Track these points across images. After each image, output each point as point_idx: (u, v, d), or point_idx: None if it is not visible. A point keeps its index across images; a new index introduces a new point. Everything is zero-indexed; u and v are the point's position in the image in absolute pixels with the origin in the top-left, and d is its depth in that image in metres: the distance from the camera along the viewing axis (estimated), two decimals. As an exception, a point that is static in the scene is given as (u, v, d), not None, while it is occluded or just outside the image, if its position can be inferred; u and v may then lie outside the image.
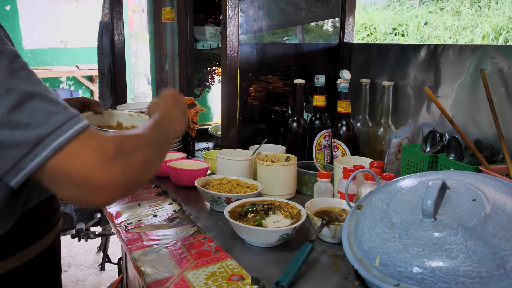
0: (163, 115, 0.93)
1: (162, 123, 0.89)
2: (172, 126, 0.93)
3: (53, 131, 0.63)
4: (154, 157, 0.79)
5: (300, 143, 1.50)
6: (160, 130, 0.86)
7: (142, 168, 0.73)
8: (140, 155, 0.73)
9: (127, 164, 0.68)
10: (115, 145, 0.68)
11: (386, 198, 0.92)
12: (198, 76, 2.07)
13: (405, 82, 1.47)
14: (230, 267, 0.90)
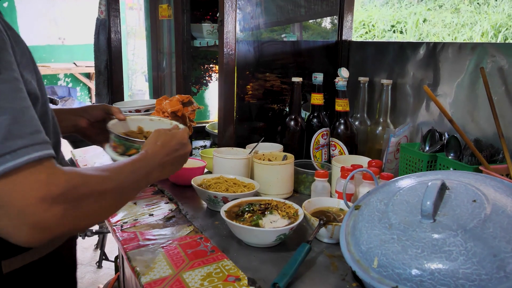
0: (146, 157, 0.88)
1: (140, 167, 0.84)
2: (150, 174, 0.87)
3: (3, 155, 0.60)
4: (107, 208, 0.75)
5: (298, 142, 1.48)
6: (132, 175, 0.81)
7: (87, 218, 0.70)
8: (91, 205, 0.69)
9: (69, 210, 0.64)
10: (65, 186, 0.64)
11: (384, 198, 0.91)
12: (196, 73, 2.05)
13: (403, 80, 1.46)
14: (226, 267, 0.89)
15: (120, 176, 0.77)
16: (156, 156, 0.89)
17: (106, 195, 0.72)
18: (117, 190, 0.75)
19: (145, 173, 0.84)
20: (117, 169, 0.78)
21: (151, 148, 0.91)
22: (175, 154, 0.93)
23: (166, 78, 1.99)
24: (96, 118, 1.15)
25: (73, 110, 1.15)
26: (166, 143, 0.93)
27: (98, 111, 1.15)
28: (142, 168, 0.84)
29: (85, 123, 1.13)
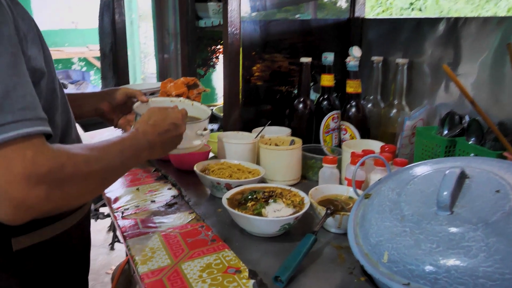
0: (136, 136, 0.85)
1: (129, 146, 0.81)
2: (140, 153, 0.84)
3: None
4: (93, 188, 0.73)
5: (307, 126, 1.41)
6: (120, 154, 0.78)
7: (72, 198, 0.68)
8: (76, 185, 0.67)
9: (53, 191, 0.62)
10: (51, 165, 0.62)
11: (397, 187, 0.84)
12: (202, 55, 1.98)
13: (420, 59, 1.37)
14: (227, 258, 0.84)
15: (108, 156, 0.75)
16: (146, 136, 0.86)
17: (92, 175, 0.70)
18: (104, 170, 0.73)
19: (134, 153, 0.82)
20: (105, 148, 0.75)
21: (142, 126, 0.88)
22: (166, 134, 0.90)
23: (172, 61, 1.93)
24: (118, 101, 1.15)
25: (95, 94, 1.15)
26: (158, 122, 0.90)
27: (120, 94, 1.15)
28: (131, 147, 0.81)
29: (107, 107, 1.14)
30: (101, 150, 0.74)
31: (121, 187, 1.21)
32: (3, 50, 0.62)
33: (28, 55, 0.69)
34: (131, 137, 0.84)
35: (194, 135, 1.08)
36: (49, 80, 0.77)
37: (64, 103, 0.87)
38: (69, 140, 0.87)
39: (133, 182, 1.24)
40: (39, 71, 0.73)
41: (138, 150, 0.84)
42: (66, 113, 0.88)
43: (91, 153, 0.71)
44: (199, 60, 1.96)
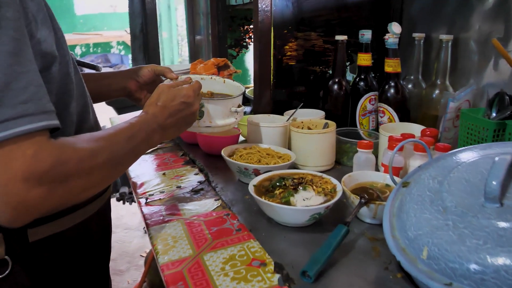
0: (146, 120, 0.81)
1: (138, 131, 0.77)
2: (151, 138, 0.80)
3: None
4: (99, 182, 0.69)
5: (342, 108, 1.34)
6: (130, 141, 0.74)
7: (76, 195, 0.65)
8: (80, 181, 0.63)
9: (55, 188, 0.59)
10: (53, 162, 0.58)
11: (438, 175, 0.76)
12: (235, 35, 1.92)
13: (467, 35, 1.25)
14: (252, 249, 0.80)
15: (115, 145, 0.71)
16: (156, 118, 0.82)
17: (99, 168, 0.67)
18: (111, 161, 0.69)
19: (144, 138, 0.78)
20: (112, 137, 0.72)
21: (151, 109, 0.84)
22: (178, 115, 0.86)
23: (204, 42, 1.88)
24: (145, 79, 1.10)
25: (121, 73, 1.11)
26: (167, 102, 0.85)
27: (147, 72, 1.11)
28: (141, 132, 0.77)
29: (134, 85, 1.10)
30: (107, 139, 0.70)
31: (148, 171, 1.19)
32: (4, 36, 0.58)
33: (37, 37, 0.65)
34: (140, 121, 0.80)
35: (228, 112, 1.04)
36: (62, 65, 0.73)
37: (81, 87, 0.83)
38: (86, 127, 0.84)
39: (160, 167, 1.22)
40: (50, 55, 0.69)
41: (149, 134, 0.80)
42: (83, 97, 0.84)
43: (96, 144, 0.67)
44: (231, 41, 1.90)
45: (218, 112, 1.01)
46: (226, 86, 1.17)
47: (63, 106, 0.75)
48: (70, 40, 5.97)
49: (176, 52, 6.96)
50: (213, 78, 1.18)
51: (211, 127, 1.01)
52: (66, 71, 0.75)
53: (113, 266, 2.54)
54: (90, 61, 6.23)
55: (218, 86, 1.17)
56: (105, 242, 0.98)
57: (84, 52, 6.46)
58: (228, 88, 1.17)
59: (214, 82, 1.18)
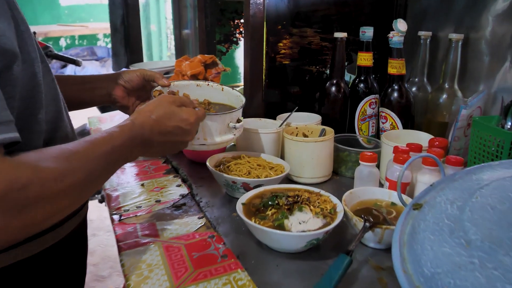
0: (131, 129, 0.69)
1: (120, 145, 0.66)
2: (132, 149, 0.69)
3: None
4: (68, 206, 0.58)
5: (340, 112, 1.23)
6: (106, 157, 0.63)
7: (38, 224, 0.54)
8: (43, 209, 0.52)
9: (12, 218, 0.49)
10: (7, 187, 0.47)
11: (457, 199, 0.65)
12: (224, 30, 1.80)
13: (478, 34, 1.14)
14: (239, 282, 0.68)
15: (90, 163, 0.59)
16: (143, 130, 0.70)
17: (66, 192, 0.55)
18: (82, 182, 0.58)
19: (124, 152, 0.67)
20: (87, 153, 0.60)
21: (141, 117, 0.72)
22: (168, 137, 0.74)
23: (191, 37, 1.76)
24: (133, 84, 0.98)
25: (106, 77, 0.99)
26: (162, 119, 0.73)
27: (136, 77, 0.98)
28: (122, 146, 0.66)
29: (121, 91, 0.97)
30: (81, 157, 0.59)
31: (124, 181, 1.07)
32: None
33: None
34: (123, 132, 0.68)
35: (225, 128, 0.91)
36: (27, 64, 0.62)
37: (53, 90, 0.72)
38: (59, 136, 0.73)
39: (139, 176, 1.09)
40: (10, 52, 0.57)
41: (130, 147, 0.68)
42: (55, 102, 0.73)
43: (66, 164, 0.56)
44: (220, 36, 1.78)
45: (214, 129, 0.89)
46: (225, 95, 1.05)
47: (28, 113, 0.63)
48: (54, 31, 5.77)
49: (165, 46, 6.80)
50: (210, 85, 1.06)
51: (205, 145, 0.88)
52: (32, 72, 0.63)
53: (95, 272, 2.41)
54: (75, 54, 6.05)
55: (216, 94, 1.05)
56: (80, 263, 0.89)
57: (69, 45, 6.26)
58: (227, 97, 1.04)
59: (211, 90, 1.05)
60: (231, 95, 1.04)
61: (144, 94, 1.01)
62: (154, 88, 0.96)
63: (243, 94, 1.03)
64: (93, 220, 2.97)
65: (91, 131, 1.53)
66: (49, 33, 5.71)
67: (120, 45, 1.71)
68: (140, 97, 1.01)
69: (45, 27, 5.80)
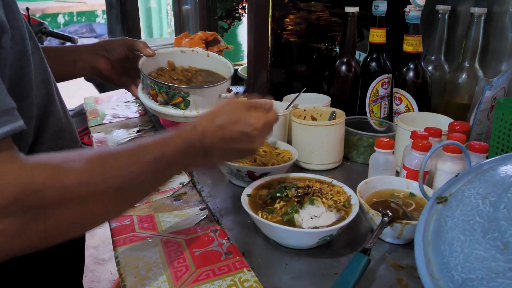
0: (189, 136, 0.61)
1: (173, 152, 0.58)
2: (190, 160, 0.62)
3: None
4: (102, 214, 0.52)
5: (350, 92, 1.15)
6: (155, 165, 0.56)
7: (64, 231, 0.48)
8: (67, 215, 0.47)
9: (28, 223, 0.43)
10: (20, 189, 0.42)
11: (490, 193, 0.58)
12: (226, 5, 1.70)
13: (502, 8, 1.05)
14: (245, 284, 0.62)
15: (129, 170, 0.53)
16: (205, 137, 0.62)
17: (96, 198, 0.49)
18: (118, 189, 0.52)
19: (180, 159, 0.60)
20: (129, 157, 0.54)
21: (203, 123, 0.64)
22: (232, 144, 0.65)
23: (191, 12, 1.66)
24: (117, 56, 0.93)
25: (88, 48, 0.93)
26: (226, 124, 0.64)
27: (119, 47, 0.93)
28: (176, 152, 0.59)
29: (104, 63, 0.92)
30: (121, 161, 0.53)
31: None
32: None
33: None
34: (179, 137, 0.60)
35: (216, 99, 0.88)
36: (16, 40, 0.56)
37: (42, 70, 0.66)
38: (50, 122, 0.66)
39: (137, 162, 1.03)
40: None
41: (187, 154, 0.61)
42: (46, 84, 0.67)
43: (98, 167, 0.50)
44: (222, 11, 1.68)
45: (205, 101, 0.86)
46: (211, 61, 1.00)
47: (17, 97, 0.56)
48: (52, 8, 5.64)
49: (166, 22, 6.65)
50: (195, 51, 1.01)
51: None
52: (21, 50, 0.57)
53: (95, 255, 2.38)
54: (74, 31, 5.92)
55: (201, 60, 1.00)
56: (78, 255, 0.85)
57: (67, 21, 6.13)
58: (214, 64, 1.00)
59: (196, 56, 1.00)
60: (218, 62, 0.99)
61: (129, 64, 0.96)
62: (139, 58, 0.91)
63: (246, 73, 0.97)
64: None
65: (87, 112, 1.46)
66: (47, 10, 5.58)
67: (116, 22, 1.62)
68: (124, 68, 0.96)
69: (42, 3, 5.67)
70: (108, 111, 1.42)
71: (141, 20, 2.32)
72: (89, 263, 2.31)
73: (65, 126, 0.72)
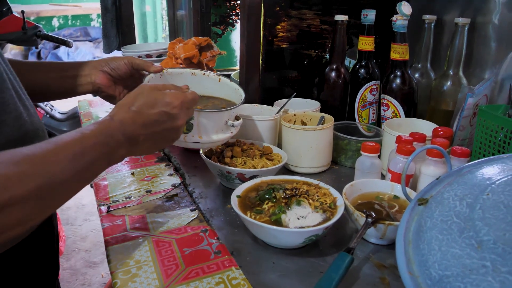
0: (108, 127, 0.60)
1: (93, 145, 0.57)
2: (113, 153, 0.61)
3: None
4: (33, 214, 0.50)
5: (340, 98, 1.18)
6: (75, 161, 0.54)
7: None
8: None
9: None
10: None
11: (467, 195, 0.61)
12: (220, 11, 1.73)
13: (485, 19, 1.09)
14: (233, 282, 0.64)
15: (48, 169, 0.51)
16: (124, 127, 0.62)
17: (19, 200, 0.47)
18: (40, 189, 0.49)
19: (102, 153, 0.58)
20: (45, 156, 0.51)
21: (120, 113, 0.63)
22: (155, 127, 0.65)
23: (185, 17, 1.69)
24: (120, 72, 0.89)
25: (91, 62, 0.89)
26: (144, 108, 0.64)
27: (123, 64, 0.89)
28: (96, 146, 0.57)
29: (105, 79, 0.88)
30: (38, 161, 0.50)
31: (113, 169, 1.02)
32: None
33: None
34: (98, 130, 0.59)
35: (222, 126, 0.84)
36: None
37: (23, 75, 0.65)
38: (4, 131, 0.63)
39: (129, 164, 1.05)
40: None
41: (109, 146, 0.60)
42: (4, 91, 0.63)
43: (15, 170, 0.48)
44: (215, 17, 1.71)
45: (210, 126, 0.82)
46: (222, 87, 0.97)
47: None
48: (46, 11, 5.64)
49: (160, 27, 6.67)
50: (207, 74, 0.97)
51: (200, 143, 0.82)
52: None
53: (87, 258, 2.38)
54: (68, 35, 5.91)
55: (211, 85, 0.97)
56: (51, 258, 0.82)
57: (61, 25, 6.13)
58: (224, 90, 0.97)
59: (206, 80, 0.97)
60: (229, 88, 0.96)
61: (132, 83, 0.91)
62: (144, 76, 0.87)
63: (239, 79, 0.97)
64: (85, 205, 2.93)
65: (81, 115, 1.48)
66: (41, 13, 5.58)
67: (111, 26, 1.64)
68: (127, 86, 0.92)
69: (37, 7, 5.67)
70: (102, 114, 1.44)
71: (136, 24, 2.34)
72: (80, 266, 2.31)
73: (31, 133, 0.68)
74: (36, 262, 0.75)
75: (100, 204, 0.87)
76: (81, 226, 2.71)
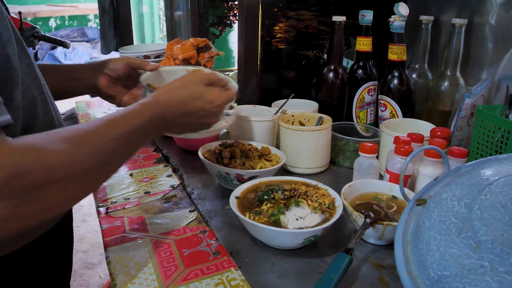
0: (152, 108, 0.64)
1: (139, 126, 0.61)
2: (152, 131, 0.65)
3: None
4: (83, 191, 0.53)
5: (338, 99, 1.18)
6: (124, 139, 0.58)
7: (47, 211, 0.49)
8: (55, 195, 0.48)
9: (19, 207, 0.44)
10: (10, 172, 0.43)
11: (465, 195, 0.62)
12: (218, 12, 1.73)
13: (482, 19, 1.10)
14: (232, 282, 0.64)
15: (105, 146, 0.55)
16: (167, 110, 0.66)
17: (78, 176, 0.51)
18: (96, 166, 0.53)
19: (146, 132, 0.63)
20: (103, 133, 0.55)
21: (165, 97, 0.67)
22: (193, 118, 0.70)
23: (183, 18, 1.69)
24: (118, 73, 0.93)
25: (91, 65, 0.94)
26: (187, 100, 0.69)
27: (121, 65, 0.93)
28: (143, 126, 0.61)
29: (105, 81, 0.92)
30: (97, 138, 0.54)
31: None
32: None
33: None
34: (145, 110, 0.63)
35: None
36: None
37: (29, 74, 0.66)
38: (38, 124, 0.67)
39: (127, 165, 1.05)
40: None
41: (151, 127, 0.63)
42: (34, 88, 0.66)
43: (78, 147, 0.51)
44: (213, 18, 1.71)
45: None
46: None
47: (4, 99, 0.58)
48: (43, 12, 5.63)
49: (158, 28, 6.66)
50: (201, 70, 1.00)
51: (197, 132, 0.83)
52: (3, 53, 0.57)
53: (84, 259, 2.38)
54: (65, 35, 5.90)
55: None
56: (66, 257, 0.85)
57: (58, 25, 6.12)
58: None
59: None
60: None
61: (130, 82, 0.96)
62: (141, 75, 0.91)
63: (237, 79, 0.97)
64: (82, 206, 2.93)
65: (78, 116, 1.48)
66: (38, 13, 5.57)
67: (109, 27, 1.64)
68: (126, 86, 0.97)
69: (33, 7, 5.65)
70: (100, 115, 1.44)
71: (134, 25, 2.34)
72: (78, 267, 2.30)
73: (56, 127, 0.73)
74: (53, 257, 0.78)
75: (99, 206, 0.87)
76: (79, 227, 2.70)
